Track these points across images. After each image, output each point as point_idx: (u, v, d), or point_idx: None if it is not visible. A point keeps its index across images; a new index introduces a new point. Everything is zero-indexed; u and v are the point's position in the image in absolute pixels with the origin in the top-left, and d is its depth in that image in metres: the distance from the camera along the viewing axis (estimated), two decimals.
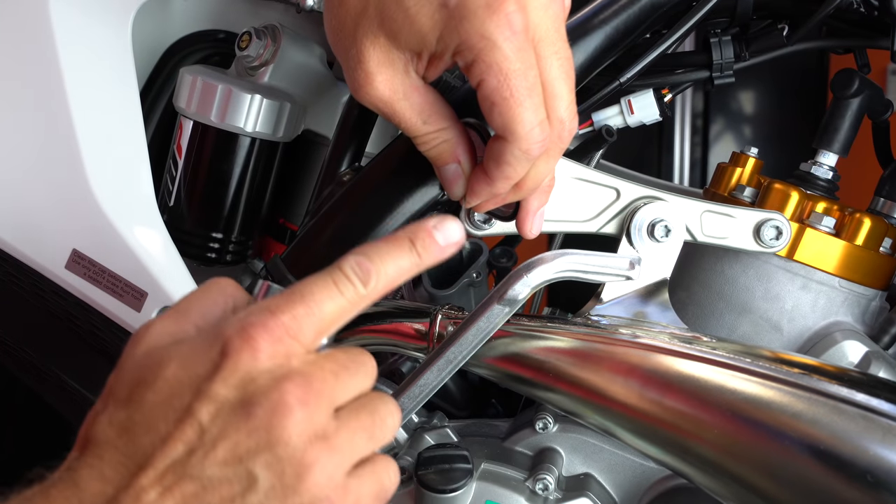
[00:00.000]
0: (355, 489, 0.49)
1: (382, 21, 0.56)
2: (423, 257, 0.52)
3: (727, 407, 0.63)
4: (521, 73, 0.55)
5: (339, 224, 0.71)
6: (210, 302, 0.52)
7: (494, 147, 0.59)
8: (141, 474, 0.46)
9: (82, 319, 0.80)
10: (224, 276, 0.98)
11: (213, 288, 0.53)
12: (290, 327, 0.48)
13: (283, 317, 0.48)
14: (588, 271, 0.71)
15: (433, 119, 0.60)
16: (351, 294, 0.50)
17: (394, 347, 0.85)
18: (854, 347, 0.76)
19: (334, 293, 0.49)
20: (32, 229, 0.80)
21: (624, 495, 0.83)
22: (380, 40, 0.56)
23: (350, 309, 0.50)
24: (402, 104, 0.59)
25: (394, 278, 0.51)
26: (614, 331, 0.69)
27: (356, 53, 0.57)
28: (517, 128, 0.56)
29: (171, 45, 0.94)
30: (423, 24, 0.55)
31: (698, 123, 2.42)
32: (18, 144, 0.79)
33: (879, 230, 0.78)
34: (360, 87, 0.58)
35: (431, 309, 0.82)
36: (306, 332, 0.48)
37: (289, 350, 0.48)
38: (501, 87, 0.55)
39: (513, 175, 0.60)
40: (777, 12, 0.84)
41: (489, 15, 0.53)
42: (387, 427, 0.51)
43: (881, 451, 0.59)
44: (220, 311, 0.51)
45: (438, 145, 0.61)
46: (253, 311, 0.48)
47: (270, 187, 0.87)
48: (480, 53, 0.54)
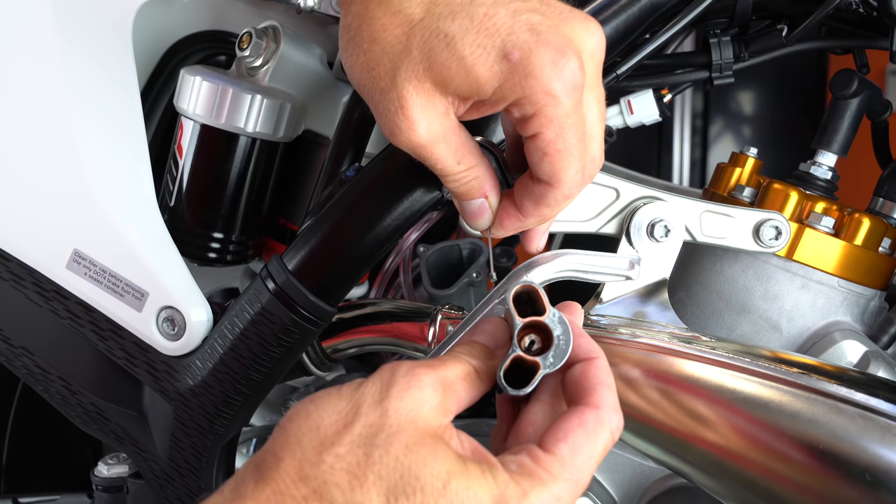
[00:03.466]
0: None
1: (431, 66, 0.54)
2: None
3: (727, 406, 0.64)
4: (575, 126, 0.55)
5: (340, 224, 0.71)
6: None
7: (536, 190, 0.59)
8: None
9: (83, 319, 0.80)
10: (224, 275, 0.98)
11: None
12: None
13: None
14: (588, 271, 0.71)
15: (466, 158, 0.59)
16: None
17: (394, 347, 0.85)
18: (853, 347, 0.76)
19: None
20: (33, 229, 0.80)
21: (624, 495, 0.83)
22: (425, 85, 0.55)
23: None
24: (440, 147, 0.58)
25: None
26: (614, 330, 0.69)
27: (396, 98, 0.55)
28: (564, 176, 0.57)
29: (171, 46, 0.94)
30: (480, 74, 0.54)
31: (698, 124, 2.43)
32: (19, 144, 0.79)
33: (878, 230, 0.78)
34: (400, 132, 0.57)
35: (431, 309, 0.82)
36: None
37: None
38: (557, 140, 0.55)
39: (548, 215, 0.61)
40: (776, 13, 0.84)
41: (556, 73, 0.53)
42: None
43: (880, 450, 0.59)
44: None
45: (469, 182, 0.61)
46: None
47: (271, 187, 0.87)
48: (544, 109, 0.54)
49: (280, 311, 0.72)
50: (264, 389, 0.78)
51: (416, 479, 0.47)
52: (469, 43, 0.53)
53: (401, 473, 0.47)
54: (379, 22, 0.56)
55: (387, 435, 0.48)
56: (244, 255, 0.88)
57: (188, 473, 0.81)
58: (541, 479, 0.49)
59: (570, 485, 0.49)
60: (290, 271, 0.72)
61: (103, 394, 0.83)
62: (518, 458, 0.50)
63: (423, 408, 0.49)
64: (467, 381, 0.53)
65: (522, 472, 0.49)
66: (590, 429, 0.50)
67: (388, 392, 0.49)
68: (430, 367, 0.52)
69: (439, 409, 0.50)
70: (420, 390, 0.50)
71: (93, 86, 0.79)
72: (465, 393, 0.53)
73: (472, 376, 0.53)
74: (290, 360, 0.76)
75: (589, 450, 0.50)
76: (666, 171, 2.40)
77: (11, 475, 1.21)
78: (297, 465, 0.48)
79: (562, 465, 0.49)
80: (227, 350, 0.75)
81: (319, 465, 0.48)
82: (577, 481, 0.50)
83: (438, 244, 1.06)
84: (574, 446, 0.50)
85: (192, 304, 0.77)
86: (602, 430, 0.51)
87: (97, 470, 0.90)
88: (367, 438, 0.48)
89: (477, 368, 0.54)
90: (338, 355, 0.89)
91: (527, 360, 0.52)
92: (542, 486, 0.48)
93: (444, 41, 0.54)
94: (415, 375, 0.50)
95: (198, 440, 0.79)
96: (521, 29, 0.53)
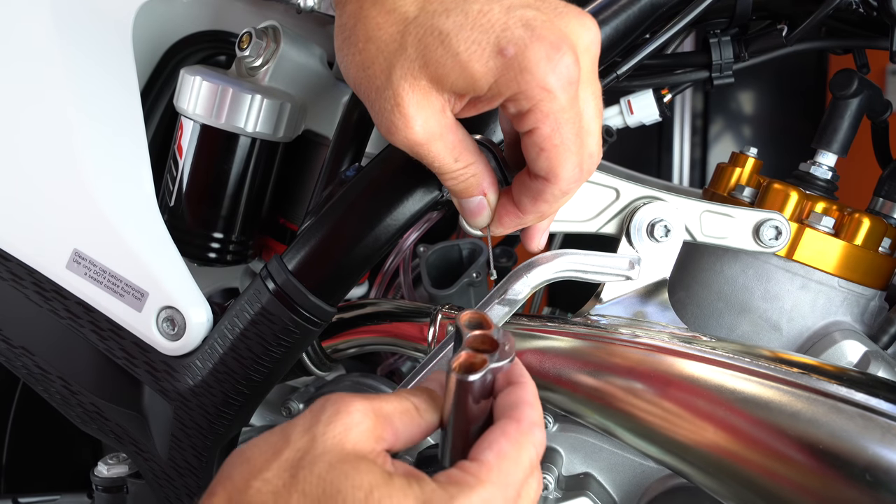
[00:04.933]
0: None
1: (426, 63, 0.54)
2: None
3: (727, 406, 0.64)
4: (572, 120, 0.55)
5: (340, 224, 0.71)
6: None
7: (533, 186, 0.59)
8: None
9: (83, 319, 0.80)
10: (224, 275, 0.98)
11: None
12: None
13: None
14: (588, 271, 0.71)
15: (463, 156, 0.59)
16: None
17: (394, 347, 0.85)
18: (853, 347, 0.76)
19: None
20: (33, 229, 0.80)
21: (623, 495, 0.83)
22: (421, 83, 0.55)
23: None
24: (437, 145, 0.58)
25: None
26: (614, 331, 0.69)
27: (392, 96, 0.55)
28: (561, 171, 0.57)
29: (171, 46, 0.94)
30: (475, 70, 0.54)
31: (698, 123, 2.43)
32: (19, 144, 0.79)
33: (878, 230, 0.78)
34: (397, 130, 0.57)
35: (431, 309, 0.82)
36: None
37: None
38: (553, 135, 0.55)
39: (547, 212, 0.61)
40: (776, 13, 0.84)
41: (551, 68, 0.53)
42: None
43: (880, 450, 0.59)
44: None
45: (467, 179, 0.61)
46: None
47: (271, 187, 0.87)
48: (540, 104, 0.54)
49: (280, 311, 0.72)
50: (264, 389, 0.78)
51: (337, 491, 0.48)
52: (464, 39, 0.53)
53: (323, 489, 0.48)
54: (374, 21, 0.56)
55: (312, 457, 0.49)
56: (244, 255, 0.88)
57: (188, 473, 0.81)
58: (468, 483, 0.49)
59: (498, 489, 0.49)
60: (290, 271, 0.72)
61: (103, 394, 0.83)
62: (446, 472, 0.51)
63: (351, 432, 0.50)
64: (406, 416, 0.53)
65: (450, 481, 0.49)
66: (512, 438, 0.51)
67: (318, 419, 0.51)
68: (363, 398, 0.53)
69: (369, 433, 0.51)
70: (348, 415, 0.51)
71: (93, 86, 0.79)
72: (402, 426, 0.53)
73: (411, 412, 0.54)
74: (290, 360, 0.76)
75: (514, 456, 0.50)
76: (666, 171, 2.40)
77: (11, 475, 1.21)
78: (227, 496, 0.50)
79: (489, 470, 0.50)
80: (227, 350, 0.75)
81: (246, 491, 0.49)
82: (505, 486, 0.50)
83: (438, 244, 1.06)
84: (499, 452, 0.50)
85: (192, 304, 0.77)
86: (525, 440, 0.51)
87: (97, 470, 0.90)
88: (294, 462, 0.49)
89: (417, 406, 0.54)
90: (338, 355, 0.89)
91: (476, 358, 0.53)
92: (470, 489, 0.49)
93: (438, 38, 0.54)
94: (344, 402, 0.52)
95: (198, 440, 0.79)
96: (516, 24, 0.53)
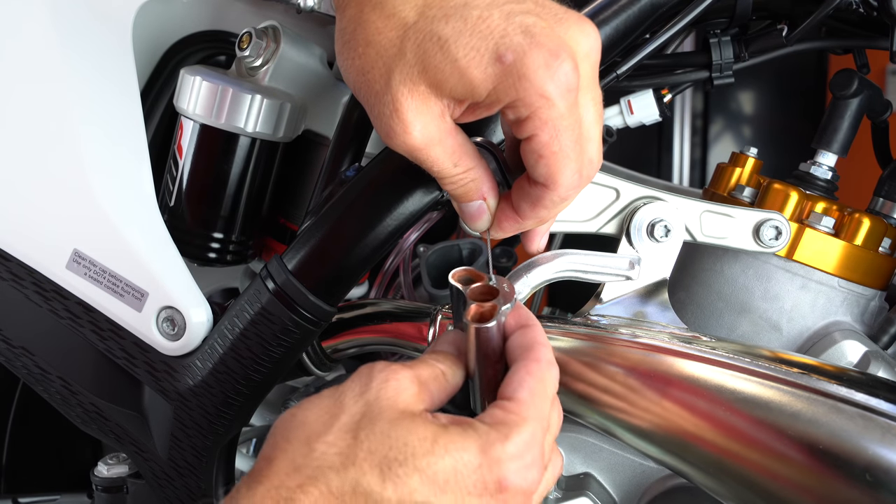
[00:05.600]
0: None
1: (425, 69, 0.54)
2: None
3: (726, 406, 0.64)
4: (571, 127, 0.55)
5: (340, 224, 0.71)
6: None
7: (532, 192, 0.59)
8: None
9: (83, 319, 0.80)
10: (224, 275, 0.98)
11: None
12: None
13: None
14: (588, 271, 0.71)
15: (463, 160, 0.59)
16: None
17: (394, 347, 0.85)
18: (853, 347, 0.76)
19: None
20: (33, 229, 0.80)
21: (623, 495, 0.83)
22: (419, 88, 0.55)
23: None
24: (435, 150, 0.58)
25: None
26: (614, 331, 0.69)
27: (391, 101, 0.55)
28: (560, 178, 0.56)
29: (171, 46, 0.94)
30: (474, 76, 0.54)
31: (698, 124, 2.43)
32: (19, 144, 0.79)
33: (878, 230, 0.78)
34: (395, 135, 0.57)
35: (431, 309, 0.82)
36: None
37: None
38: (552, 142, 0.55)
39: (546, 217, 0.61)
40: (776, 13, 0.84)
41: (549, 75, 0.53)
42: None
43: (880, 450, 0.59)
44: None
45: (466, 184, 0.60)
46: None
47: (271, 187, 0.87)
48: (538, 111, 0.54)
49: (280, 312, 0.72)
50: (264, 389, 0.78)
51: (404, 444, 0.51)
52: (463, 45, 0.53)
53: (389, 445, 0.51)
54: (373, 25, 0.56)
55: (370, 418, 0.52)
56: (244, 255, 0.88)
57: (188, 473, 0.81)
58: (514, 420, 0.53)
59: (538, 423, 0.54)
60: (290, 271, 0.72)
61: (103, 394, 0.83)
62: (488, 413, 0.54)
63: (402, 395, 0.54)
64: (437, 381, 0.57)
65: (497, 421, 0.53)
66: (537, 376, 0.55)
67: (369, 385, 0.54)
68: (405, 366, 0.56)
69: (416, 396, 0.54)
70: (397, 381, 0.54)
71: (93, 86, 0.79)
72: (435, 391, 0.56)
73: (440, 378, 0.57)
74: (289, 361, 0.76)
75: (541, 391, 0.55)
76: (666, 171, 2.40)
77: (11, 475, 1.21)
78: (289, 460, 0.51)
79: (527, 407, 0.54)
80: (227, 350, 0.75)
81: (310, 455, 0.51)
82: (542, 419, 0.54)
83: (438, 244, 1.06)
84: (530, 390, 0.54)
85: (192, 304, 0.77)
86: (547, 376, 0.56)
87: (97, 470, 0.90)
88: (353, 425, 0.52)
89: (444, 371, 0.57)
90: (338, 355, 0.89)
91: (485, 307, 0.56)
92: (517, 425, 0.53)
93: (437, 44, 0.54)
94: (392, 370, 0.55)
95: (198, 440, 0.79)
96: (515, 31, 0.53)
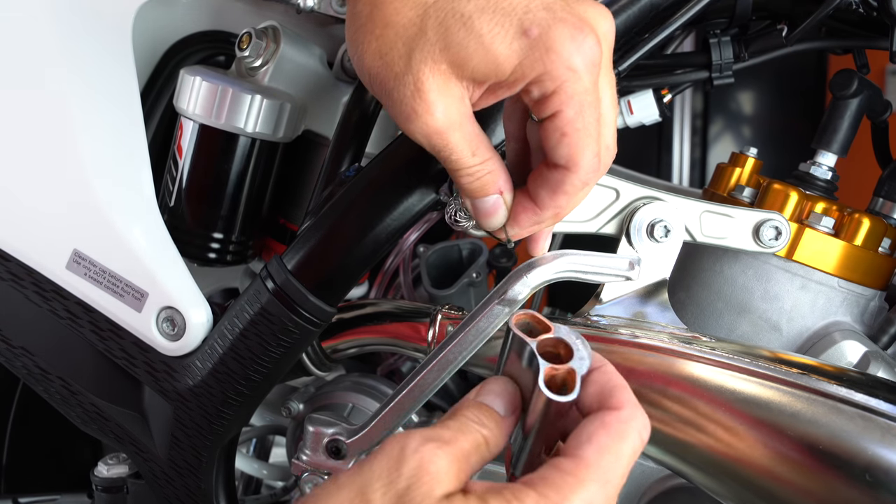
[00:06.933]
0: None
1: (447, 46, 0.53)
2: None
3: (726, 407, 0.64)
4: (594, 104, 0.54)
5: (340, 224, 0.71)
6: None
7: (552, 177, 0.57)
8: None
9: (83, 320, 0.80)
10: (224, 275, 0.98)
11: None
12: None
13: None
14: (588, 271, 0.71)
15: (481, 150, 0.58)
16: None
17: (394, 347, 0.85)
18: (853, 347, 0.76)
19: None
20: (33, 230, 0.80)
21: (624, 495, 0.83)
22: (441, 67, 0.54)
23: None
24: (456, 135, 0.56)
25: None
26: (614, 331, 0.69)
27: (413, 81, 0.54)
28: (581, 158, 0.55)
29: (171, 46, 0.94)
30: (499, 52, 0.53)
31: (698, 124, 2.42)
32: (19, 145, 0.79)
33: (878, 230, 0.78)
34: (417, 117, 0.55)
35: (431, 309, 0.82)
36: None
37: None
38: (576, 119, 0.54)
39: (565, 205, 0.58)
40: (776, 13, 0.84)
41: (575, 47, 0.52)
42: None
43: (880, 450, 0.59)
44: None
45: (483, 177, 0.59)
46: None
47: (270, 187, 0.87)
48: (565, 84, 0.53)
49: (280, 312, 0.72)
50: (264, 390, 0.78)
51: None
52: (486, 21, 0.53)
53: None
54: (392, 6, 0.55)
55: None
56: (244, 255, 0.88)
57: (188, 473, 0.81)
58: (569, 486, 0.46)
59: (599, 486, 0.46)
60: (290, 271, 0.72)
61: (103, 394, 0.83)
62: (540, 472, 0.47)
63: (439, 487, 0.47)
64: (478, 451, 0.51)
65: (548, 485, 0.46)
66: (613, 429, 0.48)
67: (399, 472, 0.47)
68: (443, 442, 0.49)
69: (454, 478, 0.48)
70: (436, 472, 0.47)
71: (93, 86, 0.79)
72: (476, 461, 0.51)
73: (482, 448, 0.51)
74: (289, 361, 0.76)
75: (616, 450, 0.47)
76: (666, 171, 2.39)
77: (11, 475, 1.21)
78: None
79: (587, 468, 0.47)
80: (227, 350, 0.75)
81: None
82: (606, 482, 0.47)
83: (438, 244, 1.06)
84: (599, 447, 0.47)
85: (192, 304, 0.77)
86: (627, 429, 0.48)
87: (97, 470, 0.90)
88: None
89: (488, 440, 0.51)
90: (338, 355, 0.89)
91: (559, 370, 0.50)
92: (572, 492, 0.46)
93: (460, 20, 0.53)
94: (427, 454, 0.47)
95: (197, 440, 0.79)
96: (538, 7, 0.53)
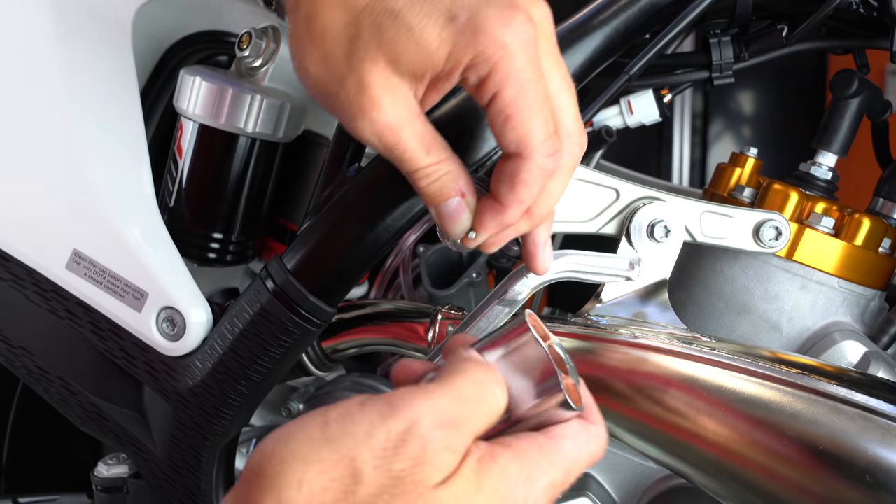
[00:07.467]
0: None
1: (381, 44, 0.54)
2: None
3: (726, 407, 0.64)
4: (535, 82, 0.54)
5: (340, 224, 0.71)
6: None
7: (507, 168, 0.56)
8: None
9: (83, 320, 0.80)
10: (224, 275, 0.98)
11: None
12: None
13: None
14: (588, 272, 0.71)
15: (435, 149, 0.57)
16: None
17: (394, 347, 0.85)
18: (853, 347, 0.76)
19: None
20: (33, 229, 0.80)
21: (623, 495, 0.83)
22: (380, 65, 0.54)
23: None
24: (406, 132, 0.55)
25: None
26: (614, 331, 0.69)
27: (357, 80, 0.54)
28: (532, 140, 0.55)
29: (171, 46, 0.94)
30: (430, 42, 0.53)
31: (698, 124, 2.42)
32: (18, 144, 0.79)
33: (878, 230, 0.78)
34: (364, 114, 0.55)
35: (431, 309, 0.82)
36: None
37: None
38: (517, 98, 0.54)
39: (527, 196, 0.57)
40: (776, 13, 0.84)
41: (504, 24, 0.53)
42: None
43: (880, 450, 0.59)
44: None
45: (440, 178, 0.57)
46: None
47: (270, 187, 0.87)
48: (499, 62, 0.53)
49: (280, 312, 0.72)
50: (264, 390, 0.78)
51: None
52: (415, 14, 0.53)
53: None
54: (327, 15, 0.55)
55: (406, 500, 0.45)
56: (244, 255, 0.88)
57: (188, 473, 0.81)
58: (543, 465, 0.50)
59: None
60: (290, 271, 0.72)
61: (103, 394, 0.83)
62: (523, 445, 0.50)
63: (439, 473, 0.46)
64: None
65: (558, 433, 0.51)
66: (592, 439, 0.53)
67: (402, 450, 0.46)
68: (439, 422, 0.47)
69: (458, 455, 0.47)
70: (436, 465, 0.46)
71: (93, 86, 0.79)
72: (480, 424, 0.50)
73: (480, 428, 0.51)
74: (289, 361, 0.76)
75: (587, 456, 0.52)
76: (666, 171, 2.39)
77: (11, 475, 1.21)
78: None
79: (563, 457, 0.51)
80: (227, 350, 0.75)
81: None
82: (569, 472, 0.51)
83: (438, 244, 1.06)
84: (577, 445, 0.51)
85: (192, 304, 0.77)
86: (603, 444, 0.53)
87: (97, 470, 0.90)
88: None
89: (488, 425, 0.51)
90: (338, 355, 0.89)
91: (570, 384, 0.51)
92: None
93: (391, 17, 0.54)
94: (436, 446, 0.46)
95: (197, 440, 0.79)
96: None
